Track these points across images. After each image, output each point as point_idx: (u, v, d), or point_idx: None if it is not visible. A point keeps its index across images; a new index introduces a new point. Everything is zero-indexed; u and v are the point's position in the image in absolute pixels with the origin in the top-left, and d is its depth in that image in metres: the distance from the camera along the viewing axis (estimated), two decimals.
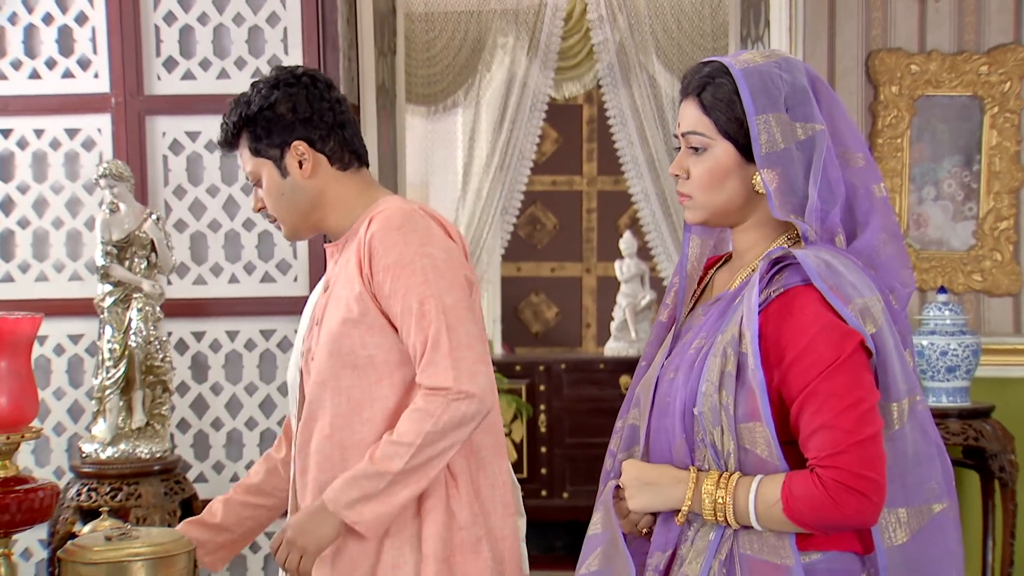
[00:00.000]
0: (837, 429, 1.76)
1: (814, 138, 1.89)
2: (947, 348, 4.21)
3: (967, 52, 4.51)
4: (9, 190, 4.15)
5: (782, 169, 1.87)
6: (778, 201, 1.88)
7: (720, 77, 1.90)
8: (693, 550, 1.86)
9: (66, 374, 4.14)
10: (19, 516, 2.10)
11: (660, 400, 1.94)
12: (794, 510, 1.77)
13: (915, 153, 4.56)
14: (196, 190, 4.13)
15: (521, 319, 7.54)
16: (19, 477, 2.18)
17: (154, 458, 3.70)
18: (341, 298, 2.30)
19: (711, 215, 1.96)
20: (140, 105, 4.09)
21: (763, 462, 1.80)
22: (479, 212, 6.30)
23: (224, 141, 2.42)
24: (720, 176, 1.91)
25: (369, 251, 2.25)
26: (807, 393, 1.78)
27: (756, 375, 1.79)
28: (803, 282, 1.84)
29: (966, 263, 4.55)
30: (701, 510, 1.83)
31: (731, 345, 1.83)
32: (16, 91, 4.14)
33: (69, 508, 3.67)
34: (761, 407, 1.79)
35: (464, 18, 6.10)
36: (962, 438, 4.19)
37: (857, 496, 1.75)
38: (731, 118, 1.89)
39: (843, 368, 1.79)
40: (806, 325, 1.80)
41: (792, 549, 1.80)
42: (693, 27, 5.91)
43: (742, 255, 1.99)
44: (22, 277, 4.15)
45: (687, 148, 1.94)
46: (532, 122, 6.27)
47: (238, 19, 4.12)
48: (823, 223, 1.89)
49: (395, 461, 2.18)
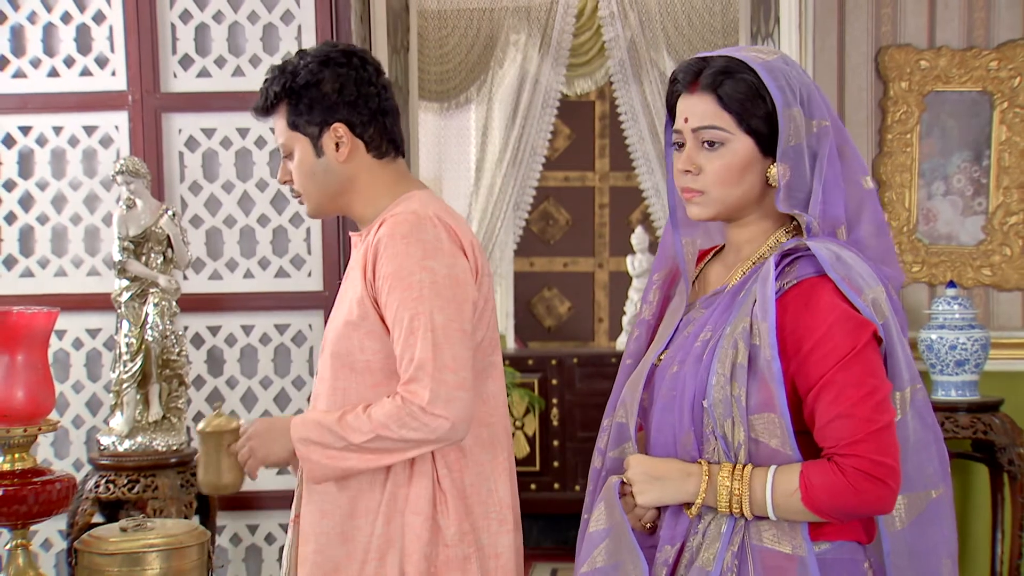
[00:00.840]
0: (855, 418, 1.77)
1: (821, 133, 1.90)
2: (956, 342, 4.19)
3: (976, 48, 4.49)
4: (28, 186, 4.17)
5: (794, 163, 1.87)
6: (785, 195, 1.88)
7: (740, 72, 1.87)
8: (705, 542, 1.85)
9: (84, 368, 4.16)
10: (36, 507, 2.12)
11: (664, 394, 1.92)
12: (813, 499, 1.77)
13: (925, 148, 4.54)
14: (212, 186, 4.15)
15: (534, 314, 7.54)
16: (36, 469, 2.20)
17: (170, 451, 3.71)
18: (346, 297, 2.28)
19: (723, 210, 1.93)
20: (156, 102, 4.10)
21: (775, 452, 1.80)
22: (491, 207, 6.30)
23: (262, 107, 2.34)
24: (739, 171, 1.89)
25: (374, 255, 2.20)
26: (824, 382, 1.79)
27: (772, 366, 1.79)
28: (816, 273, 1.84)
29: (975, 258, 4.54)
30: (716, 502, 1.83)
31: (742, 337, 1.82)
32: (35, 89, 4.17)
33: (87, 500, 3.70)
34: (777, 398, 1.79)
35: (477, 15, 6.09)
36: (971, 431, 4.17)
37: (876, 483, 1.76)
38: (755, 113, 1.87)
39: (859, 358, 1.80)
40: (822, 315, 1.81)
41: (805, 539, 1.81)
42: (704, 23, 5.90)
43: (739, 248, 1.98)
44: (41, 272, 4.17)
45: (698, 143, 1.91)
46: (544, 118, 6.27)
47: (253, 17, 4.13)
48: (824, 216, 1.89)
49: (357, 435, 2.16)
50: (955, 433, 4.17)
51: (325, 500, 2.23)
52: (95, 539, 2.16)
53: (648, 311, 2.07)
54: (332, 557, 2.23)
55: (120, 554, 2.14)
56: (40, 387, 2.16)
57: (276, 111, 2.32)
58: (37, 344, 2.15)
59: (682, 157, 1.92)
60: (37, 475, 2.17)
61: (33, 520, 2.17)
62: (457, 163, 6.53)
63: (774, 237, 1.95)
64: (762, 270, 1.87)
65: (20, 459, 2.16)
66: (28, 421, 2.15)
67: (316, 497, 2.25)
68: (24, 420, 2.14)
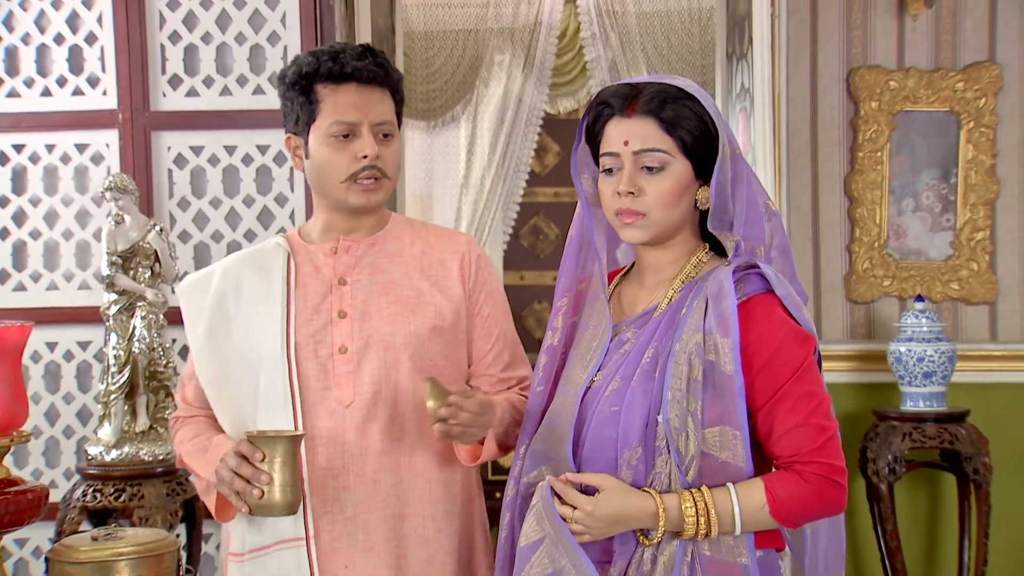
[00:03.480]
0: (811, 426, 1.80)
1: (738, 158, 1.91)
2: (924, 354, 4.19)
3: (944, 69, 4.50)
4: (22, 203, 4.17)
5: (722, 187, 1.87)
6: (713, 217, 1.89)
7: (680, 98, 1.87)
8: (662, 556, 1.83)
9: (75, 379, 4.15)
10: (7, 517, 2.10)
11: (602, 411, 1.88)
12: (781, 510, 1.79)
13: (894, 166, 4.54)
14: (199, 202, 4.15)
15: (524, 326, 7.53)
16: (9, 479, 2.18)
17: (157, 460, 3.70)
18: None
19: (660, 232, 1.92)
20: (146, 121, 4.10)
21: (724, 465, 1.80)
22: (477, 222, 6.30)
23: (388, 72, 2.18)
24: (679, 194, 1.89)
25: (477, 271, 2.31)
26: (780, 395, 1.80)
27: (735, 381, 1.79)
28: (764, 290, 1.85)
29: (944, 272, 4.54)
30: (682, 529, 1.80)
31: (696, 353, 1.81)
32: (29, 108, 4.17)
33: (75, 508, 3.68)
34: (738, 411, 1.79)
35: (462, 36, 6.10)
36: (938, 441, 4.17)
37: (836, 487, 1.80)
38: (696, 136, 1.86)
39: (809, 370, 1.83)
40: (774, 330, 1.82)
41: (749, 548, 1.82)
42: (682, 44, 5.90)
43: (658, 269, 1.96)
44: (34, 286, 4.17)
45: (637, 166, 1.88)
46: (528, 136, 6.28)
47: (240, 38, 4.14)
48: (747, 237, 1.90)
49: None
50: (922, 443, 4.17)
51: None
52: (66, 548, 2.15)
53: (555, 337, 2.03)
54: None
55: (90, 563, 2.12)
56: (12, 400, 2.14)
57: (390, 84, 2.20)
58: (9, 358, 2.14)
59: (622, 179, 1.89)
60: (10, 485, 2.15)
61: (5, 530, 2.15)
62: (445, 178, 6.53)
63: (696, 257, 1.95)
64: (711, 287, 1.86)
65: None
66: (1, 433, 2.13)
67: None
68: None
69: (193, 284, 2.30)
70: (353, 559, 2.13)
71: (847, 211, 4.55)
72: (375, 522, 2.14)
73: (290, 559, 2.12)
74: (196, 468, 2.21)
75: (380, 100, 2.17)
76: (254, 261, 2.28)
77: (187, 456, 2.24)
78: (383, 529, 2.14)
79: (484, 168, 6.29)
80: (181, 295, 2.29)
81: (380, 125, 2.17)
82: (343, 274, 2.22)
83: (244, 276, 2.26)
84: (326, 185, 2.21)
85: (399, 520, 2.15)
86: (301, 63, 2.20)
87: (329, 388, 2.16)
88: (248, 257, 2.31)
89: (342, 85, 2.15)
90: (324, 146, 2.17)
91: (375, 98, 2.16)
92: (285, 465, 2.00)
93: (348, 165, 2.16)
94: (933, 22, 4.50)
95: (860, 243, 4.54)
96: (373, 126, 2.16)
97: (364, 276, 2.22)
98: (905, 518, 4.35)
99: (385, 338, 2.18)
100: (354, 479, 2.15)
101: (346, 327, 2.18)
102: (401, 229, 2.29)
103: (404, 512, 2.16)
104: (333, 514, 2.14)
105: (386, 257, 2.25)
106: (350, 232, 2.25)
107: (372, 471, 2.15)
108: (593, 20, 6.01)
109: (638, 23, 5.94)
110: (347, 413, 2.16)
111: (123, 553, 2.13)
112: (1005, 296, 4.52)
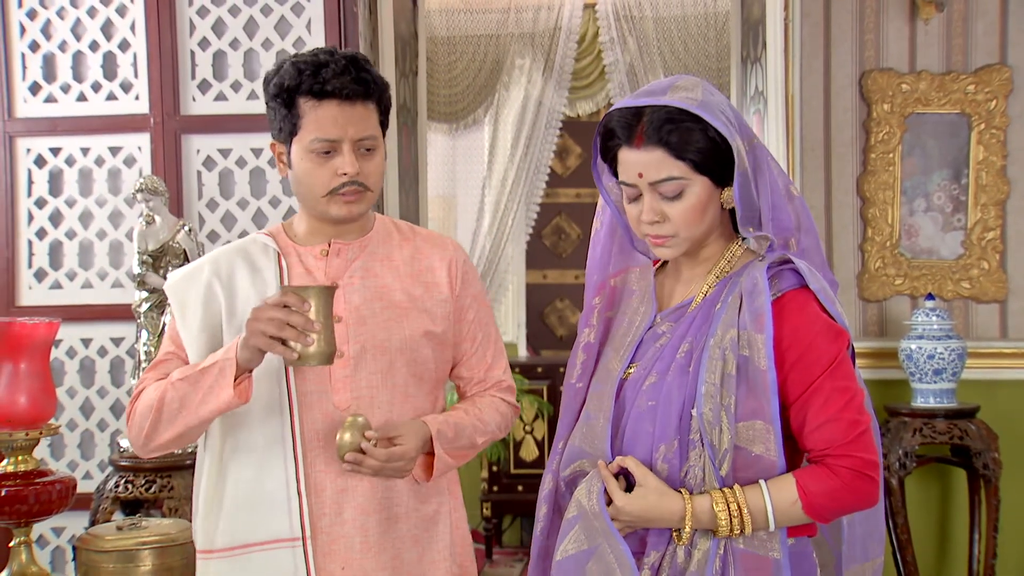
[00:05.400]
0: (844, 421, 1.78)
1: (757, 150, 1.89)
2: (934, 352, 4.17)
3: (955, 72, 4.48)
4: (58, 204, 4.22)
5: (744, 187, 1.85)
6: (741, 219, 1.88)
7: (682, 120, 1.82)
8: (696, 551, 1.82)
9: (109, 374, 4.20)
10: (36, 507, 2.14)
11: (639, 405, 1.88)
12: (814, 505, 1.78)
13: (906, 167, 4.52)
14: (227, 203, 4.18)
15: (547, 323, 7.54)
16: (39, 470, 2.22)
17: (185, 453, 3.73)
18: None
19: (692, 246, 1.91)
20: (176, 125, 4.14)
21: (757, 459, 1.79)
22: (498, 222, 6.32)
23: (369, 88, 2.13)
24: (702, 210, 1.86)
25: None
26: (812, 389, 1.79)
27: (768, 376, 1.78)
28: (798, 285, 1.84)
29: (955, 271, 4.51)
30: (716, 528, 1.80)
31: (730, 347, 1.80)
32: (65, 113, 4.21)
33: (108, 499, 3.72)
34: (770, 406, 1.78)
35: (484, 41, 6.11)
36: (948, 437, 4.15)
37: (868, 480, 1.78)
38: (707, 155, 1.83)
39: (842, 365, 1.81)
40: (807, 326, 1.81)
41: (781, 542, 1.81)
42: (699, 49, 5.89)
43: (694, 265, 1.95)
44: (69, 284, 4.21)
45: (656, 194, 1.85)
46: (547, 138, 6.27)
47: (267, 44, 4.17)
48: (777, 229, 1.89)
49: (481, 437, 2.29)
50: (933, 438, 4.15)
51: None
52: (92, 537, 2.19)
53: (592, 334, 2.02)
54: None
55: (115, 551, 2.16)
56: (41, 393, 2.18)
57: (374, 98, 2.15)
58: (39, 353, 2.18)
59: (644, 209, 1.86)
60: (39, 476, 2.19)
61: (35, 519, 2.19)
62: (468, 180, 6.55)
63: (730, 251, 1.94)
64: (745, 283, 1.85)
65: (23, 461, 2.19)
66: (30, 425, 2.17)
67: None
68: (26, 424, 2.17)
69: (184, 277, 2.21)
70: (350, 560, 2.12)
71: (860, 211, 4.54)
72: (372, 524, 2.13)
73: (286, 559, 2.08)
74: (198, 376, 2.05)
75: (362, 116, 2.11)
76: (243, 257, 2.22)
77: (181, 373, 2.09)
78: (379, 531, 2.14)
79: (506, 169, 6.29)
80: (171, 290, 2.20)
81: (362, 140, 2.12)
82: (335, 278, 2.19)
83: (235, 272, 2.19)
84: (308, 197, 2.16)
85: (393, 521, 2.16)
86: (284, 75, 2.12)
87: (326, 392, 2.14)
88: (235, 253, 2.23)
89: (323, 102, 2.09)
90: (305, 160, 2.12)
91: (356, 115, 2.10)
92: (321, 315, 1.97)
93: (329, 180, 2.12)
94: (944, 25, 4.48)
95: (872, 242, 4.52)
96: (354, 142, 2.11)
97: (357, 280, 2.20)
98: (916, 512, 4.34)
99: (381, 343, 2.16)
100: (351, 481, 2.13)
101: (341, 332, 2.13)
102: (388, 232, 2.27)
103: (398, 513, 2.17)
104: (330, 515, 2.12)
105: (377, 261, 2.23)
106: (337, 236, 2.22)
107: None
108: (611, 25, 6.01)
109: (655, 28, 5.93)
110: (343, 416, 2.13)
111: (146, 542, 2.17)
112: (1015, 294, 4.49)
